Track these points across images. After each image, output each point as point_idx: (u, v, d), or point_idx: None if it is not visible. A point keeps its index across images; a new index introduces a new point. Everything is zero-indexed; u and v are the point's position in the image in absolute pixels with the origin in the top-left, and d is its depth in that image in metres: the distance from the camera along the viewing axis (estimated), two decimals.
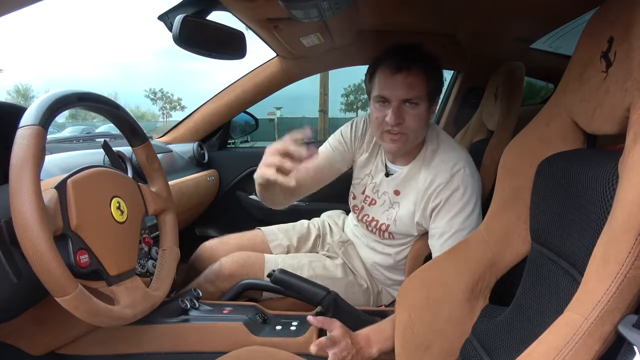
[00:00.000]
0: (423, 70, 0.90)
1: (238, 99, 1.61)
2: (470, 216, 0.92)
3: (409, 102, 0.90)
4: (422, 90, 0.90)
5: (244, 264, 1.09)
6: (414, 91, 0.89)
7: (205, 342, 0.88)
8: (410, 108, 0.90)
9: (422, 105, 0.91)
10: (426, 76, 0.90)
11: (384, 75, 0.91)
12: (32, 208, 0.57)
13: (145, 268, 0.89)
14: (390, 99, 0.90)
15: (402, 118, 0.90)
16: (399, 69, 0.89)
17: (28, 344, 0.82)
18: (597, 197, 0.50)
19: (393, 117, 0.89)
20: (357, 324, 0.88)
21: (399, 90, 0.89)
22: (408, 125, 0.91)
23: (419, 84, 0.89)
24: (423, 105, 0.91)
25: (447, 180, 0.93)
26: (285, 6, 0.72)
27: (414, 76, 0.89)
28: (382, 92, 0.91)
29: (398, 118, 0.90)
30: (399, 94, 0.89)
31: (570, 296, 0.46)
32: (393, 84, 0.89)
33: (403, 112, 0.90)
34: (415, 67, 0.89)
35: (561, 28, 1.23)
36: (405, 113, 0.90)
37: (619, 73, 0.49)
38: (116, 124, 0.86)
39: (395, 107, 0.90)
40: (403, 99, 0.90)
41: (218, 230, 1.71)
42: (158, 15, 0.91)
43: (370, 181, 1.09)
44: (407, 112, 0.90)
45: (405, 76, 0.89)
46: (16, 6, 0.52)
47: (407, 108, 0.90)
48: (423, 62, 0.90)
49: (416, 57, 0.90)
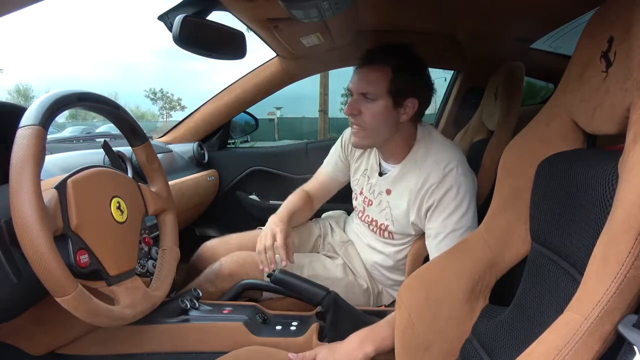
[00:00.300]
0: (387, 66, 0.91)
1: (238, 99, 1.62)
2: (465, 215, 0.92)
3: (365, 97, 0.93)
4: (381, 87, 0.92)
5: (243, 264, 1.09)
6: (371, 87, 0.92)
7: (205, 342, 0.88)
8: (367, 102, 0.94)
9: (380, 101, 0.93)
10: (391, 74, 0.91)
11: (354, 69, 0.97)
12: (32, 208, 0.57)
13: (145, 268, 0.89)
14: (352, 91, 0.96)
15: (356, 110, 0.95)
16: (363, 64, 0.94)
17: (28, 344, 0.82)
18: (597, 197, 0.50)
19: (347, 107, 0.96)
20: (357, 324, 0.88)
21: (357, 83, 0.94)
22: (364, 118, 0.95)
23: (378, 80, 0.92)
24: (382, 102, 0.93)
25: (440, 180, 0.93)
26: (285, 6, 0.72)
27: (375, 72, 0.92)
28: (349, 84, 0.97)
29: (352, 109, 0.95)
30: (357, 87, 0.94)
31: (570, 296, 0.46)
32: (355, 77, 0.95)
33: (359, 105, 0.94)
34: (379, 63, 0.92)
35: (561, 28, 1.23)
36: (362, 106, 0.94)
37: (619, 73, 0.49)
38: (116, 124, 0.86)
39: (352, 99, 0.95)
40: (360, 92, 0.94)
41: (218, 230, 1.71)
42: (158, 15, 0.91)
43: (367, 182, 1.10)
44: (364, 105, 0.94)
45: (367, 71, 0.93)
46: (16, 6, 0.52)
47: (364, 102, 0.94)
48: (390, 60, 0.92)
49: (385, 55, 0.92)
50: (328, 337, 0.88)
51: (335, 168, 1.20)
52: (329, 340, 0.88)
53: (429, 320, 0.72)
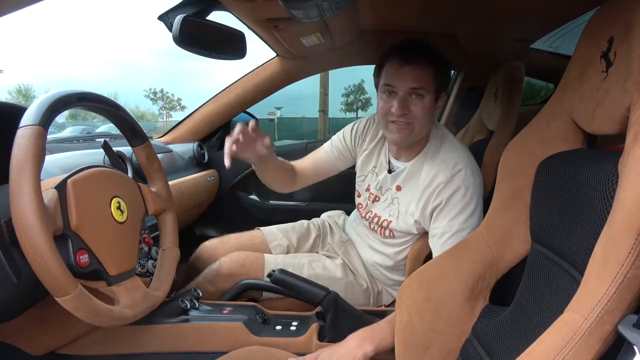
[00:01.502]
0: (430, 64, 0.92)
1: (238, 99, 1.61)
2: (472, 216, 0.92)
3: (415, 93, 0.92)
4: (429, 82, 0.92)
5: (243, 264, 1.09)
6: (421, 82, 0.92)
7: (205, 342, 0.88)
8: (416, 99, 0.93)
9: (427, 97, 0.93)
10: (433, 70, 0.92)
11: (393, 66, 0.94)
12: (32, 208, 0.57)
13: (145, 268, 0.89)
14: (398, 88, 0.93)
15: (407, 108, 0.93)
16: (408, 61, 0.92)
17: (28, 344, 0.82)
18: (597, 197, 0.50)
19: (399, 107, 0.92)
20: (357, 324, 0.88)
21: (407, 80, 0.92)
22: (414, 114, 0.93)
23: (425, 76, 0.92)
24: (429, 97, 0.93)
25: (448, 180, 0.93)
26: (285, 6, 0.72)
27: (421, 69, 0.92)
28: (390, 81, 0.94)
29: (404, 108, 0.92)
30: (406, 84, 0.92)
31: (570, 296, 0.46)
32: (401, 74, 0.92)
33: (409, 102, 0.93)
34: (423, 60, 0.92)
35: (561, 28, 1.23)
36: (411, 103, 0.93)
37: (619, 73, 0.49)
38: (116, 124, 0.86)
39: (401, 97, 0.93)
40: (410, 88, 0.92)
41: (218, 230, 1.71)
42: (158, 15, 0.91)
43: (375, 178, 1.09)
44: (413, 102, 0.93)
45: (413, 68, 0.91)
46: (16, 6, 0.52)
47: (413, 99, 0.93)
48: (431, 56, 0.93)
49: (424, 51, 0.93)
50: (328, 337, 0.88)
51: (336, 152, 1.16)
52: (329, 340, 0.88)
53: (429, 320, 0.72)
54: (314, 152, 1.22)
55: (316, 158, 1.19)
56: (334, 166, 1.18)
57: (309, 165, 1.18)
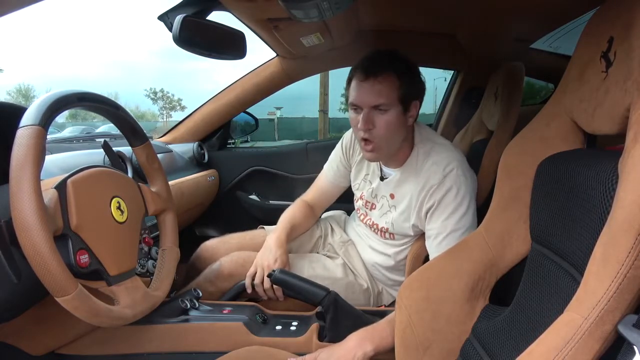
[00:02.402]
0: (393, 75, 0.91)
1: (238, 99, 1.61)
2: (465, 216, 0.92)
3: (378, 109, 0.91)
4: (392, 96, 0.91)
5: (243, 264, 1.09)
6: (382, 98, 0.91)
7: (205, 342, 0.88)
8: (380, 114, 0.92)
9: (392, 110, 0.92)
10: (398, 82, 0.91)
11: (355, 82, 0.93)
12: (32, 208, 0.57)
13: (145, 268, 0.89)
14: (361, 105, 0.92)
15: (371, 124, 0.92)
16: (367, 76, 0.91)
17: (28, 344, 0.82)
18: (597, 197, 0.50)
19: (362, 123, 0.92)
20: (357, 324, 0.88)
21: (367, 96, 0.91)
22: (378, 132, 0.93)
23: (387, 90, 0.91)
24: (394, 110, 0.92)
25: (440, 182, 0.93)
26: (285, 6, 0.72)
27: (382, 82, 0.90)
28: (353, 99, 0.93)
29: (367, 124, 0.92)
30: (367, 101, 0.91)
31: (570, 296, 0.46)
32: (362, 91, 0.92)
33: (373, 118, 0.92)
34: (384, 73, 0.90)
35: (561, 28, 1.23)
36: (376, 118, 0.92)
37: (619, 73, 0.49)
38: (116, 124, 0.86)
39: (365, 114, 0.92)
40: (372, 106, 0.91)
41: (218, 230, 1.71)
42: (158, 15, 0.91)
43: (369, 186, 1.10)
44: (377, 117, 0.92)
45: (373, 83, 0.90)
46: (16, 6, 0.52)
47: (377, 114, 0.92)
48: (393, 67, 0.91)
49: (385, 63, 0.91)
50: (328, 337, 0.88)
51: (337, 174, 1.19)
52: (329, 340, 0.88)
53: (429, 320, 0.72)
54: (316, 182, 1.24)
55: (322, 188, 1.22)
56: (340, 188, 1.22)
57: (319, 199, 1.22)
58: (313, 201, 1.23)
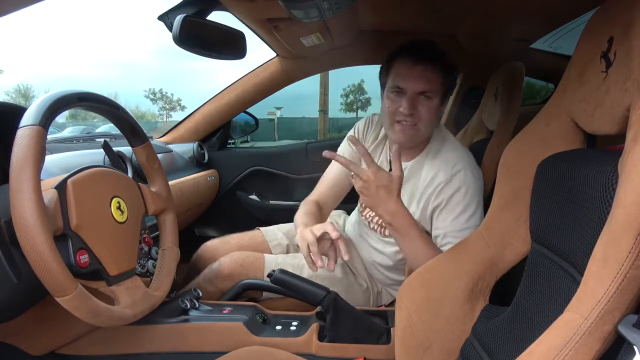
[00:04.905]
0: (439, 67, 0.92)
1: (238, 99, 1.62)
2: (473, 216, 0.92)
3: (424, 95, 0.92)
4: (437, 85, 0.93)
5: (242, 264, 1.09)
6: (430, 84, 0.92)
7: (205, 342, 0.88)
8: (424, 100, 0.93)
9: (435, 99, 0.93)
10: (441, 73, 0.93)
11: (402, 67, 0.93)
12: (32, 208, 0.57)
13: (145, 268, 0.89)
14: (406, 89, 0.93)
15: (415, 108, 0.93)
16: (417, 62, 0.92)
17: (28, 344, 0.82)
18: (597, 197, 0.50)
19: (407, 107, 0.92)
20: (357, 324, 0.88)
21: (416, 81, 0.92)
22: (421, 115, 0.93)
23: (434, 78, 0.92)
24: (436, 99, 0.93)
25: (448, 180, 0.93)
26: (285, 6, 0.72)
27: (431, 71, 0.92)
28: (399, 82, 0.93)
29: (413, 108, 0.92)
30: (415, 86, 0.92)
31: (570, 296, 0.46)
32: (410, 76, 0.92)
33: (417, 103, 0.93)
34: (433, 62, 0.92)
35: (561, 28, 1.23)
36: (419, 104, 0.93)
37: (619, 73, 0.49)
38: (116, 124, 0.86)
39: (410, 98, 0.93)
40: (419, 91, 0.92)
41: (218, 230, 1.71)
42: (158, 15, 0.91)
43: None
44: (421, 102, 0.93)
45: (423, 69, 0.92)
46: (16, 6, 0.52)
47: (421, 100, 0.93)
48: (439, 59, 0.93)
49: (434, 54, 0.93)
50: (328, 337, 0.88)
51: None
52: (329, 340, 0.88)
53: (429, 320, 0.72)
54: (323, 178, 1.19)
55: (332, 181, 1.17)
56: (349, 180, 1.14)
57: (328, 194, 1.16)
58: (321, 198, 1.17)
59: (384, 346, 0.87)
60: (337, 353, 0.87)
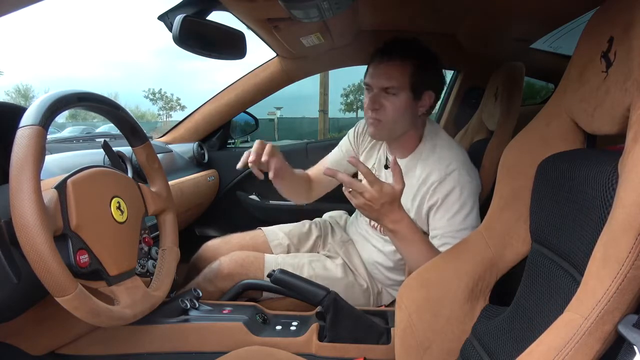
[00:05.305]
0: (407, 60, 0.93)
1: (238, 99, 1.62)
2: (469, 215, 0.92)
3: (387, 91, 0.94)
4: (402, 80, 0.93)
5: (242, 264, 1.09)
6: (392, 80, 0.93)
7: (205, 342, 0.88)
8: (389, 96, 0.94)
9: (401, 95, 0.94)
10: (411, 68, 0.93)
11: (371, 64, 0.97)
12: (32, 208, 0.57)
13: (145, 268, 0.89)
14: (372, 85, 0.95)
15: (378, 104, 0.95)
16: (382, 59, 0.94)
17: (28, 344, 0.82)
18: (597, 197, 0.50)
19: (369, 102, 0.96)
20: (357, 324, 0.88)
21: (378, 78, 0.94)
22: (385, 112, 0.95)
23: (399, 74, 0.93)
24: (403, 95, 0.94)
25: (442, 179, 0.93)
26: (285, 6, 0.72)
27: (395, 66, 0.93)
28: (366, 79, 0.97)
29: (374, 104, 0.95)
30: (377, 82, 0.94)
31: (570, 296, 0.46)
32: (375, 73, 0.95)
33: (381, 99, 0.95)
34: (398, 57, 0.93)
35: (561, 28, 1.23)
36: (384, 100, 0.94)
37: (619, 73, 0.49)
38: (116, 124, 0.86)
39: (373, 94, 0.95)
40: (381, 87, 0.94)
41: (218, 230, 1.71)
42: (158, 15, 0.91)
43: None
44: (386, 99, 0.94)
45: (386, 65, 0.93)
46: (16, 6, 0.52)
47: (386, 96, 0.94)
48: (408, 54, 0.93)
49: (402, 49, 0.93)
50: (328, 337, 0.88)
51: (346, 155, 1.17)
52: (329, 340, 0.88)
53: (429, 320, 0.72)
54: (323, 159, 1.23)
55: (327, 163, 1.21)
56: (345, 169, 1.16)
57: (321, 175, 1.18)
58: (314, 175, 1.20)
59: (384, 346, 0.87)
60: (337, 353, 0.87)
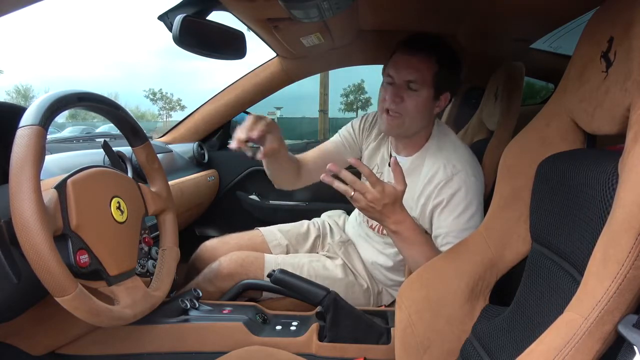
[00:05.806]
0: (433, 57, 0.91)
1: (238, 99, 1.61)
2: (474, 216, 0.92)
3: (410, 85, 0.92)
4: (427, 76, 0.91)
5: (242, 264, 1.09)
6: (417, 74, 0.91)
7: (205, 342, 0.88)
8: (411, 91, 0.92)
9: (423, 91, 0.92)
10: (435, 65, 0.91)
11: (395, 56, 0.94)
12: (32, 208, 0.57)
13: (145, 268, 0.89)
14: (395, 78, 0.93)
15: (400, 97, 0.92)
16: (408, 51, 0.92)
17: (28, 344, 0.82)
18: (597, 197, 0.50)
19: (391, 95, 0.92)
20: (357, 324, 0.88)
21: (403, 70, 0.92)
22: (405, 106, 0.93)
23: (423, 68, 0.91)
24: (425, 92, 0.92)
25: (448, 179, 0.92)
26: (285, 6, 0.72)
27: (420, 60, 0.91)
28: (390, 70, 0.94)
29: (396, 97, 0.92)
30: (401, 74, 0.92)
31: (570, 296, 0.46)
32: (399, 65, 0.92)
33: (403, 93, 0.92)
34: (425, 52, 0.91)
35: (561, 28, 1.22)
36: (406, 94, 0.92)
37: (619, 73, 0.49)
38: (116, 124, 0.86)
39: (396, 87, 0.93)
40: (405, 80, 0.92)
41: (218, 230, 1.71)
42: (158, 15, 0.91)
43: (377, 173, 1.09)
44: (407, 94, 0.92)
45: (413, 58, 0.91)
46: (16, 6, 0.52)
47: (408, 90, 0.92)
48: (435, 50, 0.92)
49: (429, 44, 0.92)
50: (328, 337, 0.88)
51: (345, 142, 1.14)
52: (329, 340, 0.88)
53: (429, 320, 0.72)
54: (320, 145, 1.18)
55: (323, 150, 1.15)
56: (342, 157, 1.12)
57: (316, 158, 1.13)
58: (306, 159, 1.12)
59: (384, 346, 0.87)
60: (337, 353, 0.87)
